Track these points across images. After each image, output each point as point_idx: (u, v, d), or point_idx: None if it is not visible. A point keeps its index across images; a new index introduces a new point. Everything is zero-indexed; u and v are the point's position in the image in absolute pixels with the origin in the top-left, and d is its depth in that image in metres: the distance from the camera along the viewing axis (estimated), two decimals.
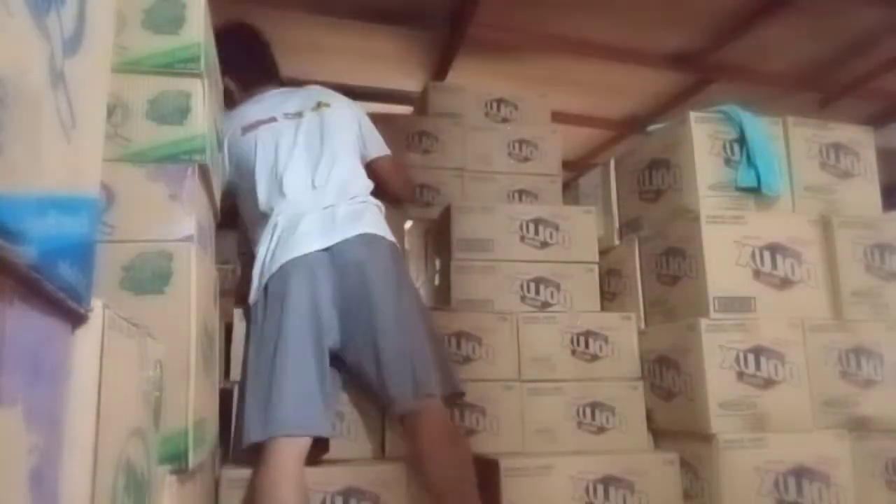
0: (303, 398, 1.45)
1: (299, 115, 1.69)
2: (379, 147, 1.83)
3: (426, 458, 1.47)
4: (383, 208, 1.71)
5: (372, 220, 1.62)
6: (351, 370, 1.59)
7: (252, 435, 1.44)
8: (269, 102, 1.76)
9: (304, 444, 1.45)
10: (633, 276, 2.05)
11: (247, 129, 1.69)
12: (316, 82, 1.97)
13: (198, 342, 1.06)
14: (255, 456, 1.45)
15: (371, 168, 1.80)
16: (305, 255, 1.53)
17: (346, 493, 1.52)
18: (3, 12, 0.37)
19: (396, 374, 1.49)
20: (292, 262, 1.52)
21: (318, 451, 1.53)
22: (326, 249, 1.54)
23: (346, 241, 1.55)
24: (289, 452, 1.41)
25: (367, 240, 1.57)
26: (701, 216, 1.75)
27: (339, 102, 1.77)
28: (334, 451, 1.62)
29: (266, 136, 1.67)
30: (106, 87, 0.63)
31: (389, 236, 1.63)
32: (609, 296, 2.16)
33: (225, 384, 1.61)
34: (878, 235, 1.86)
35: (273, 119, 1.69)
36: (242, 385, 1.54)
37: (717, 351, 1.68)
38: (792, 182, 1.88)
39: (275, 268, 1.54)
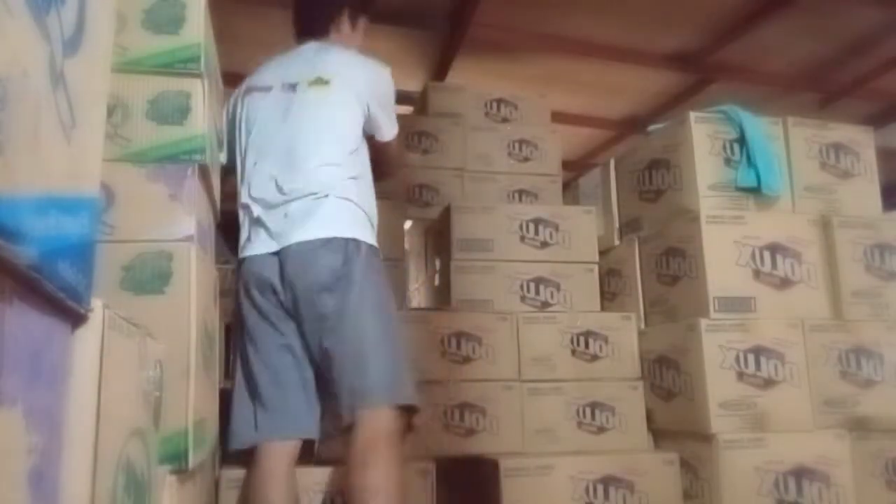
0: (283, 403, 1.43)
1: (293, 88, 1.56)
2: (390, 131, 1.66)
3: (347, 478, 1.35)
4: (354, 201, 1.51)
5: (325, 218, 1.46)
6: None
7: (235, 441, 1.44)
8: (284, 63, 1.63)
9: (293, 445, 1.44)
10: (633, 276, 2.05)
11: (248, 91, 1.62)
12: None
13: (198, 342, 1.06)
14: (249, 456, 1.45)
15: (373, 145, 1.65)
16: (259, 256, 1.47)
17: None
18: (3, 12, 0.37)
19: (340, 383, 1.38)
20: (249, 261, 1.49)
21: (304, 452, 1.51)
22: (276, 253, 1.46)
23: (294, 246, 1.44)
24: (277, 455, 1.41)
25: (315, 244, 1.43)
26: (701, 216, 1.75)
27: (344, 79, 1.56)
28: (334, 451, 1.61)
29: (257, 105, 1.59)
30: (106, 87, 0.63)
31: (347, 233, 1.46)
32: (609, 296, 2.16)
33: (225, 384, 1.61)
34: (878, 235, 1.86)
35: (269, 88, 1.59)
36: (234, 386, 1.53)
37: (717, 351, 1.68)
38: (792, 182, 1.88)
39: (242, 259, 1.52)
